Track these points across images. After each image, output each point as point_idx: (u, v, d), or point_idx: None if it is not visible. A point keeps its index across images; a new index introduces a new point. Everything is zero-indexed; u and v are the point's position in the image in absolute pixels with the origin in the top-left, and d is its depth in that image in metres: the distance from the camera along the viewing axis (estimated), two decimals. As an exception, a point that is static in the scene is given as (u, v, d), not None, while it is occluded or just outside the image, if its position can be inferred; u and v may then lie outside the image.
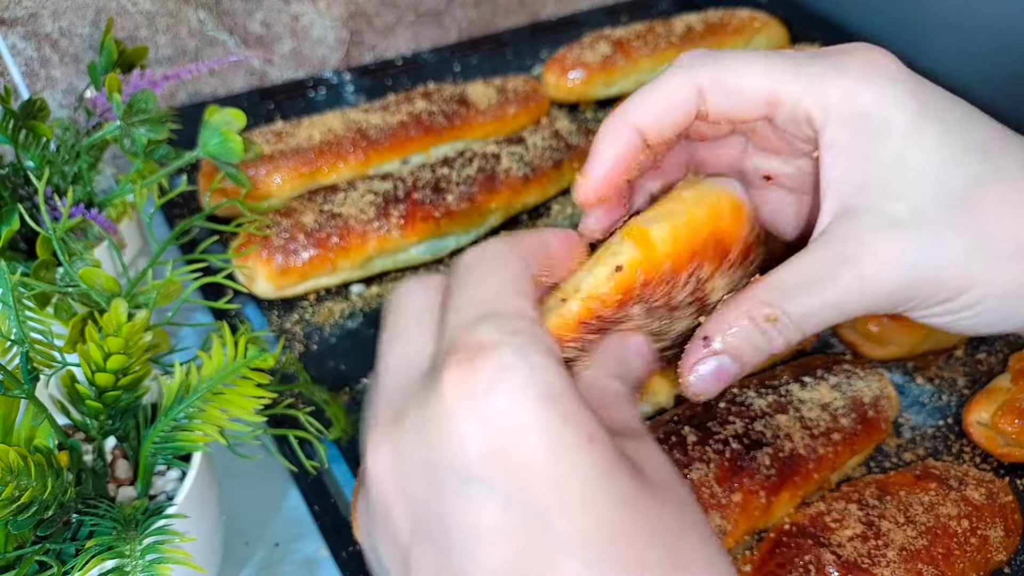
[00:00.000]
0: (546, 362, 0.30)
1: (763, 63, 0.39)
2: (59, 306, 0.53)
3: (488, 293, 0.33)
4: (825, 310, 0.38)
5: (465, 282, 0.34)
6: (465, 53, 1.08)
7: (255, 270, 0.72)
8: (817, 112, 0.38)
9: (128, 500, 0.49)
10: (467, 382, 0.30)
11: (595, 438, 0.30)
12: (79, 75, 0.90)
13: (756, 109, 0.40)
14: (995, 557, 0.54)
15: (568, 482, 0.29)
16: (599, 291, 0.37)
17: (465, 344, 0.31)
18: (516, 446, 0.29)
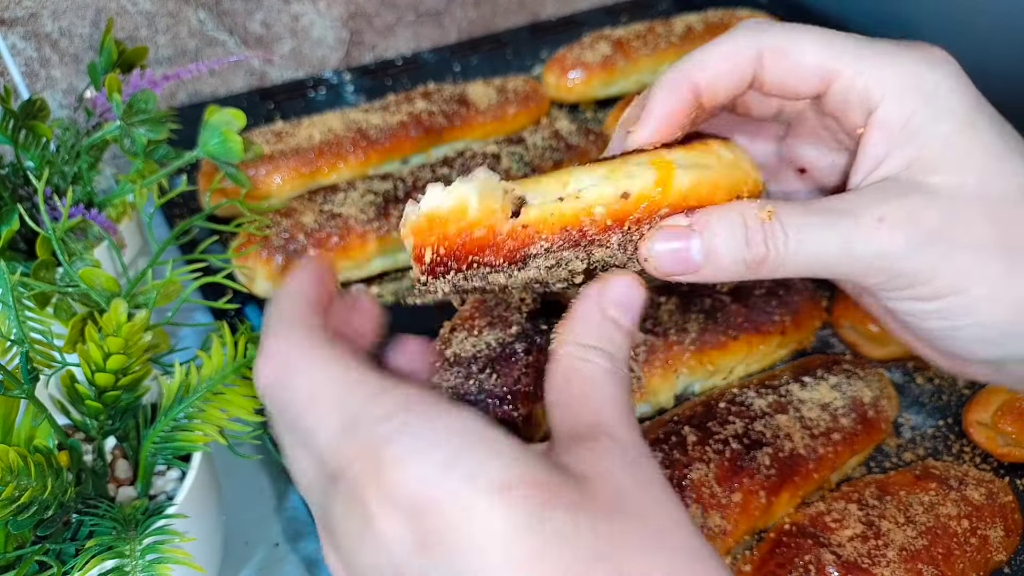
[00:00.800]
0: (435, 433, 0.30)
1: (825, 39, 0.39)
2: (59, 306, 0.53)
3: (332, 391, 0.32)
4: (825, 241, 0.37)
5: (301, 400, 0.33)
6: (465, 53, 1.08)
7: (255, 270, 0.72)
8: (876, 88, 0.38)
9: (128, 500, 0.49)
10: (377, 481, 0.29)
11: (510, 484, 0.29)
12: (79, 75, 0.90)
13: (811, 83, 0.39)
14: (995, 557, 0.54)
15: (488, 543, 0.28)
16: (595, 209, 0.35)
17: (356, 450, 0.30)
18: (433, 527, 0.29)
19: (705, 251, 0.37)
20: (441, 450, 0.29)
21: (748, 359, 0.67)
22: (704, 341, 0.65)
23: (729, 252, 0.37)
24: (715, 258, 0.37)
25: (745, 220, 0.37)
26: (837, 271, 0.38)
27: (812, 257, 0.37)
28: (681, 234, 0.37)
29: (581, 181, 0.36)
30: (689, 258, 0.37)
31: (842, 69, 0.38)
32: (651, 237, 0.37)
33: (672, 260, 0.37)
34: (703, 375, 0.65)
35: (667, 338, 0.64)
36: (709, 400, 0.61)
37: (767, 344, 0.67)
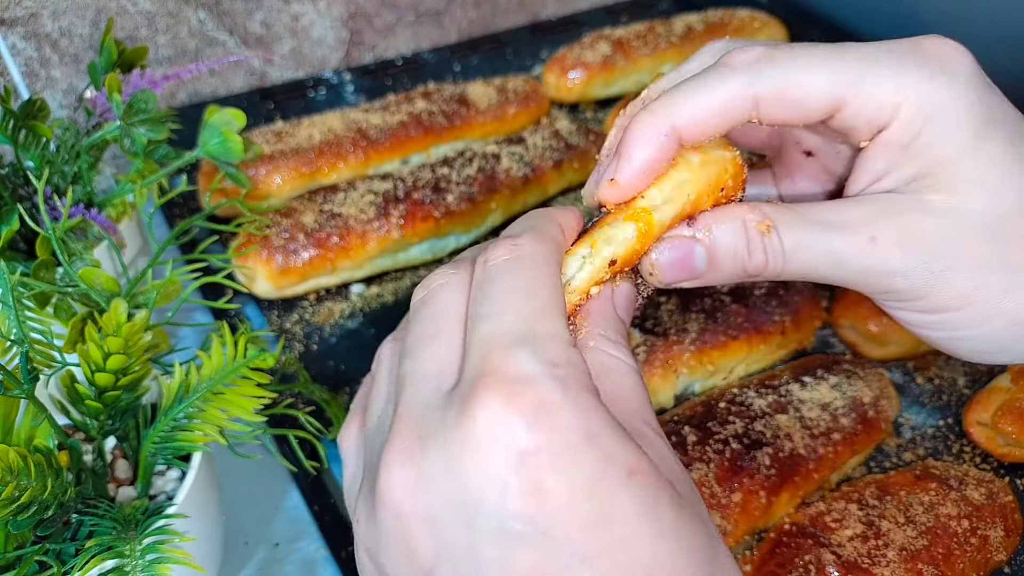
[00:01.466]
0: (586, 398, 0.30)
1: (827, 64, 0.36)
2: (59, 306, 0.53)
3: (525, 306, 0.32)
4: (820, 253, 0.37)
5: (499, 287, 0.32)
6: (465, 53, 1.08)
7: (255, 270, 0.72)
8: (884, 111, 0.36)
9: (128, 500, 0.49)
10: (505, 417, 0.28)
11: (636, 471, 0.29)
12: (79, 75, 0.90)
13: (816, 115, 0.37)
14: (995, 557, 0.54)
15: (609, 523, 0.28)
16: (591, 286, 0.37)
17: (502, 370, 0.29)
18: (556, 488, 0.28)
19: (708, 259, 0.37)
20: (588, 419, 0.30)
21: (748, 359, 0.67)
22: (704, 341, 0.65)
23: (731, 261, 0.37)
24: (717, 265, 0.37)
25: (747, 228, 0.37)
26: (834, 280, 0.38)
27: (807, 267, 0.37)
28: (684, 245, 0.37)
29: (567, 271, 0.37)
30: (692, 266, 0.37)
31: (849, 99, 0.36)
32: (655, 249, 0.37)
33: (676, 270, 0.37)
34: (703, 375, 0.65)
35: (667, 338, 0.64)
36: (709, 400, 0.61)
37: (767, 344, 0.67)
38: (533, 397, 0.29)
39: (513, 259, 0.33)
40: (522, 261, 0.33)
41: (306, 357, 0.70)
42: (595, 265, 0.37)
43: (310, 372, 0.60)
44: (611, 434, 0.29)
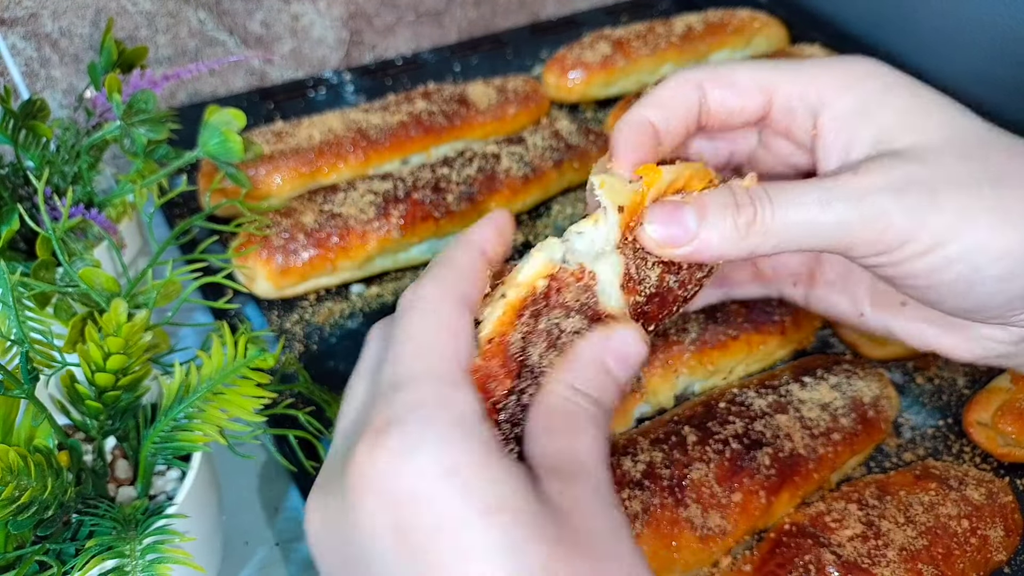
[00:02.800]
0: (450, 433, 0.30)
1: (758, 63, 0.43)
2: (59, 306, 0.53)
3: (408, 351, 0.34)
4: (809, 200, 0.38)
5: (393, 338, 0.35)
6: (465, 53, 1.08)
7: (255, 270, 0.72)
8: (816, 91, 0.41)
9: (128, 500, 0.49)
10: (372, 461, 0.30)
11: (501, 508, 0.29)
12: (79, 75, 0.90)
13: (754, 100, 0.43)
14: (995, 557, 0.54)
15: (470, 557, 0.29)
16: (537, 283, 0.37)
17: (373, 419, 0.32)
18: (418, 525, 0.29)
19: (699, 217, 0.39)
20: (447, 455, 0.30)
21: (748, 359, 0.67)
22: (704, 341, 0.65)
23: (721, 217, 0.38)
24: (709, 224, 0.38)
25: (732, 188, 0.39)
26: (828, 234, 0.38)
27: (797, 216, 0.38)
28: (675, 206, 0.39)
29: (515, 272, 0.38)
30: (684, 222, 0.38)
31: (779, 82, 0.42)
32: (648, 214, 0.39)
33: (668, 230, 0.38)
34: (703, 375, 0.65)
35: (667, 338, 0.64)
36: (709, 400, 0.61)
37: (767, 344, 0.67)
38: (394, 440, 0.30)
39: (407, 308, 0.35)
40: (415, 307, 0.35)
41: (306, 357, 0.70)
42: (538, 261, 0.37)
43: (310, 372, 0.60)
44: (474, 467, 0.30)
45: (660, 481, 0.54)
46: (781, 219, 0.38)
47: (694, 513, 0.53)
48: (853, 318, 0.50)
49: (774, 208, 0.38)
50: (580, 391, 0.36)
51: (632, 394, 0.62)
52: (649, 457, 0.55)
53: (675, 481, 0.54)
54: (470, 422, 0.31)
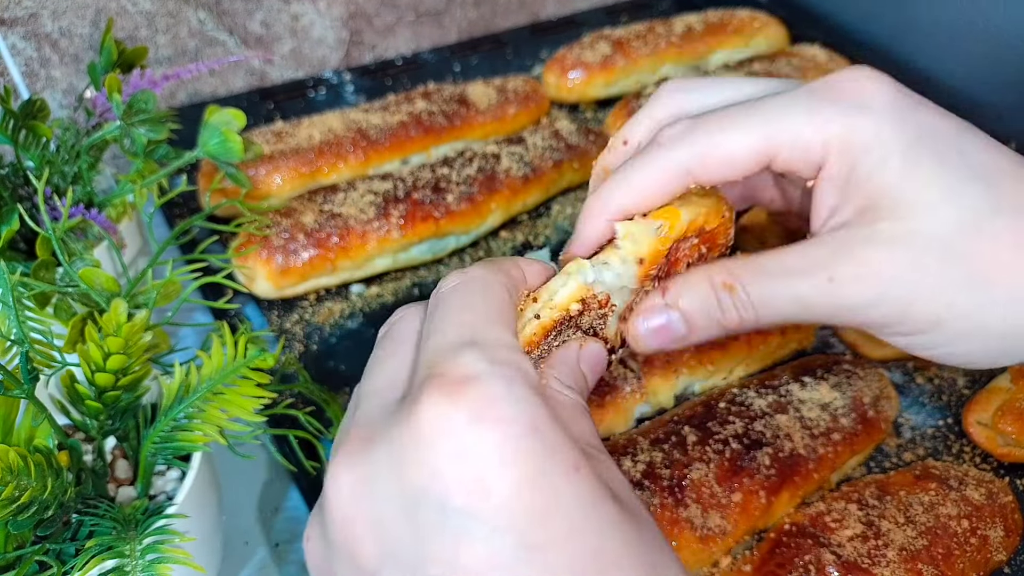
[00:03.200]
0: (530, 395, 0.30)
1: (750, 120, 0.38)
2: (59, 306, 0.53)
3: (471, 318, 0.33)
4: (786, 300, 0.38)
5: (448, 306, 0.34)
6: (465, 53, 1.08)
7: (255, 270, 0.72)
8: (816, 150, 0.38)
9: (128, 500, 0.49)
10: (449, 412, 0.29)
11: (579, 467, 0.30)
12: (79, 75, 0.90)
13: (750, 167, 0.39)
14: (995, 557, 0.54)
15: (554, 514, 0.29)
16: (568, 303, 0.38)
17: (447, 371, 0.30)
18: (500, 480, 0.28)
19: (686, 323, 0.39)
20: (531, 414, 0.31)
21: (748, 359, 0.67)
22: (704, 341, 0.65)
23: (707, 321, 0.39)
24: (695, 327, 0.40)
25: (714, 289, 0.39)
26: (809, 321, 0.40)
27: (778, 315, 0.39)
28: (661, 313, 0.39)
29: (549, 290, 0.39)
30: (672, 332, 0.40)
31: (778, 148, 0.38)
32: (633, 323, 0.40)
33: (658, 337, 0.40)
34: (703, 375, 0.65)
35: (667, 338, 0.64)
36: (709, 400, 0.61)
37: (767, 344, 0.67)
38: (477, 392, 0.29)
39: (460, 284, 0.35)
40: (469, 284, 0.35)
41: (306, 357, 0.70)
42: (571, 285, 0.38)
43: (310, 372, 0.60)
44: (555, 430, 0.30)
45: (660, 481, 0.54)
46: (764, 316, 0.39)
47: (694, 513, 0.53)
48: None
49: (758, 314, 0.39)
50: (565, 384, 0.37)
51: (632, 394, 0.62)
52: (649, 457, 0.55)
53: (675, 481, 0.54)
54: (539, 390, 0.31)
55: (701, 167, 0.39)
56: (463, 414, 0.29)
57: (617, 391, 0.62)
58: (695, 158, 0.39)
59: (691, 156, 0.39)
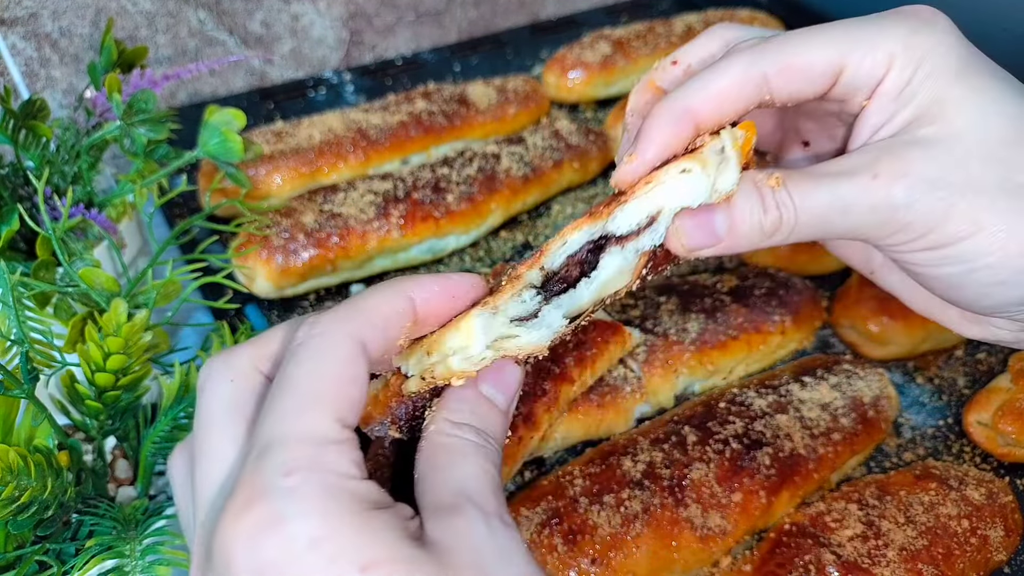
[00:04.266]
0: (318, 502, 0.30)
1: (824, 37, 0.40)
2: (59, 306, 0.53)
3: (292, 404, 0.32)
4: (828, 200, 0.38)
5: (280, 380, 0.33)
6: (465, 53, 1.08)
7: (255, 270, 0.72)
8: (878, 68, 0.39)
9: (128, 500, 0.49)
10: (240, 532, 0.30)
11: (375, 563, 0.29)
12: (79, 75, 0.90)
13: (822, 84, 0.40)
14: (995, 557, 0.54)
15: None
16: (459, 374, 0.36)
17: (242, 487, 0.31)
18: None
19: (728, 223, 0.39)
20: (313, 524, 0.30)
21: (748, 359, 0.67)
22: (704, 341, 0.65)
23: (748, 218, 0.39)
24: (736, 224, 0.39)
25: (758, 187, 0.39)
26: (845, 229, 0.39)
27: (818, 217, 0.39)
28: (705, 215, 0.38)
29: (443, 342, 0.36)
30: (713, 228, 0.39)
31: (847, 62, 0.39)
32: (678, 217, 0.38)
33: (699, 232, 0.38)
34: (703, 375, 0.65)
35: (667, 338, 0.64)
36: (709, 400, 0.61)
37: (767, 344, 0.67)
38: (260, 513, 0.30)
39: (301, 345, 0.34)
40: (308, 345, 0.34)
41: (306, 357, 0.70)
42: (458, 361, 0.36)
43: (310, 372, 0.60)
44: (342, 533, 0.30)
45: (660, 481, 0.54)
46: (803, 222, 0.39)
47: (694, 513, 0.53)
48: (865, 272, 0.49)
49: (798, 214, 0.39)
50: (458, 423, 0.35)
51: (632, 394, 0.62)
52: (649, 457, 0.55)
53: (675, 481, 0.54)
54: (341, 484, 0.31)
55: (780, 76, 0.39)
56: (249, 534, 0.30)
57: (617, 391, 0.62)
58: (776, 65, 0.39)
59: (772, 63, 0.39)
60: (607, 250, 0.38)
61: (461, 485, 0.33)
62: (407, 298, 0.36)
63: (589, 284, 0.38)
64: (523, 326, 0.37)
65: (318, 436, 0.32)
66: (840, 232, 0.39)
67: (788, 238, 0.39)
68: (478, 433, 0.35)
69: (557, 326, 0.37)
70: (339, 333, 0.34)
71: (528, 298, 0.37)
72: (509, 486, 0.60)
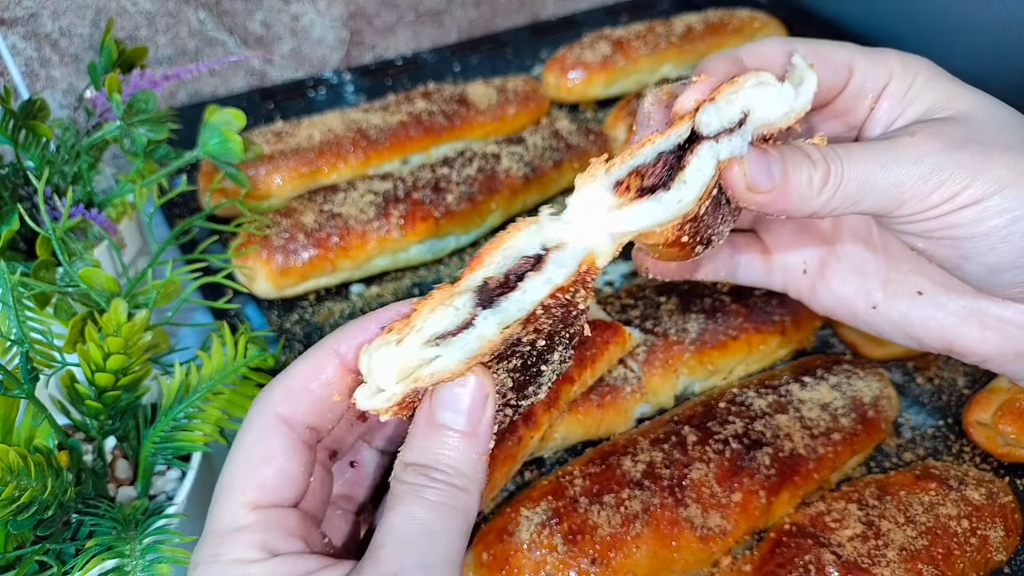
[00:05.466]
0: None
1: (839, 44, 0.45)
2: (59, 306, 0.53)
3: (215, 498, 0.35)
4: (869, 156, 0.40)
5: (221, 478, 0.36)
6: (465, 53, 1.08)
7: (255, 270, 0.72)
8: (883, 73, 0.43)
9: (128, 500, 0.49)
10: None
11: None
12: (79, 75, 0.90)
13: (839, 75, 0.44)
14: (995, 557, 0.54)
15: None
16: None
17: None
18: None
19: (781, 167, 0.40)
20: None
21: (748, 359, 0.67)
22: (704, 341, 0.65)
23: (797, 168, 0.40)
24: (788, 173, 0.40)
25: (803, 147, 0.41)
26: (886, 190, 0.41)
27: (863, 174, 0.40)
28: (764, 153, 0.41)
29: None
30: (770, 170, 0.40)
31: (860, 63, 0.44)
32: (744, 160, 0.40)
33: (760, 171, 0.40)
34: (703, 375, 0.65)
35: (667, 338, 0.64)
36: (709, 400, 0.61)
37: (767, 344, 0.67)
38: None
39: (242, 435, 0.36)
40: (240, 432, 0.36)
41: (306, 357, 0.70)
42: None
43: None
44: None
45: (660, 481, 0.54)
46: (849, 178, 0.40)
47: (694, 513, 0.53)
48: (862, 313, 0.49)
49: (844, 167, 0.40)
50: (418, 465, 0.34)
51: (632, 394, 0.62)
52: (649, 457, 0.55)
53: (675, 481, 0.54)
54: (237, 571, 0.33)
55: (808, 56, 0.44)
56: None
57: (617, 391, 0.62)
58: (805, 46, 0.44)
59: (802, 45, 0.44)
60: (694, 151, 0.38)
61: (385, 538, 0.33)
62: (331, 353, 0.36)
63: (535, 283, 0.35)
64: (440, 346, 0.33)
65: (222, 527, 0.34)
66: (883, 192, 0.41)
67: (833, 198, 0.41)
68: (419, 472, 0.34)
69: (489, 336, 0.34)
70: (254, 412, 0.36)
71: (460, 304, 0.34)
72: (509, 486, 0.60)
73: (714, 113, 0.39)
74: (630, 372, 0.63)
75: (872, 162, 0.40)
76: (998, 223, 0.40)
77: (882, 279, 0.49)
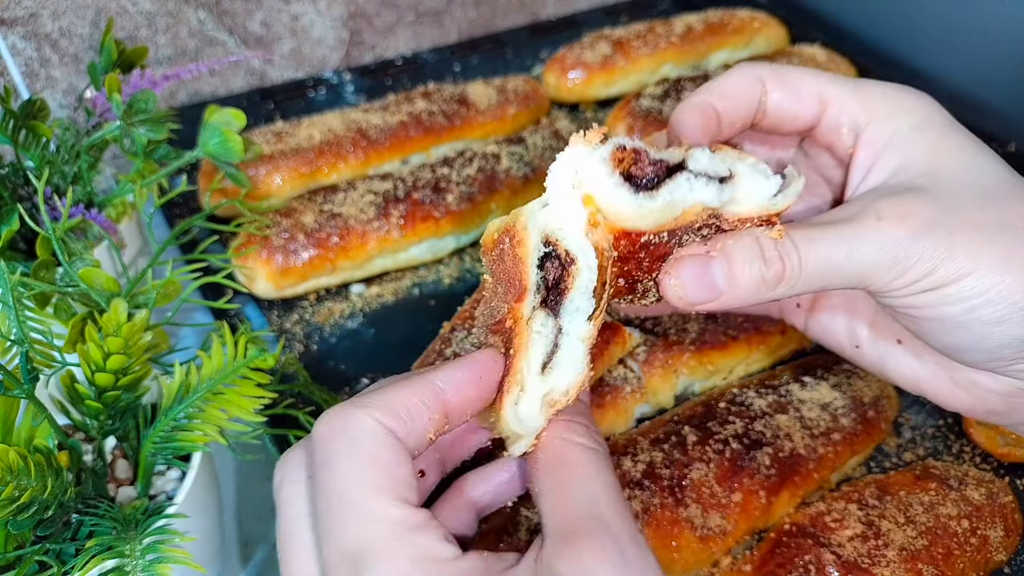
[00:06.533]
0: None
1: (816, 72, 0.44)
2: (59, 306, 0.53)
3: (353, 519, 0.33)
4: (832, 245, 0.39)
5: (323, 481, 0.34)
6: (465, 53, 1.08)
7: (255, 270, 0.72)
8: (864, 111, 0.42)
9: (128, 500, 0.49)
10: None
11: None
12: (79, 75, 0.90)
13: (809, 107, 0.43)
14: (995, 557, 0.54)
15: None
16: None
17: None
18: None
19: (727, 274, 0.39)
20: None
21: (748, 359, 0.67)
22: (704, 341, 0.65)
23: (748, 271, 0.39)
24: (736, 279, 0.39)
25: (759, 240, 0.39)
26: (850, 275, 0.39)
27: (823, 263, 0.39)
28: (700, 260, 0.39)
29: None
30: (711, 281, 0.39)
31: (834, 96, 0.43)
32: (673, 267, 0.39)
33: (697, 285, 0.39)
34: (703, 375, 0.65)
35: (667, 338, 0.64)
36: (709, 400, 0.61)
37: (767, 344, 0.67)
38: None
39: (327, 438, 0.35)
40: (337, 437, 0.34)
41: (306, 357, 0.70)
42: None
43: (310, 372, 0.60)
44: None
45: (660, 481, 0.54)
46: (809, 269, 0.39)
47: (694, 513, 0.53)
48: (848, 349, 0.50)
49: (803, 262, 0.39)
50: (567, 420, 0.37)
51: (632, 394, 0.62)
52: (649, 457, 0.55)
53: (675, 481, 0.54)
54: (426, 562, 0.32)
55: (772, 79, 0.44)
56: None
57: (617, 391, 0.62)
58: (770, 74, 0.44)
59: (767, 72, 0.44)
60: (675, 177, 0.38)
61: (591, 507, 0.33)
62: (435, 389, 0.36)
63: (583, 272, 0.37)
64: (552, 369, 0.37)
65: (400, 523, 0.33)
66: (847, 277, 0.39)
67: (793, 288, 0.40)
68: (588, 434, 0.36)
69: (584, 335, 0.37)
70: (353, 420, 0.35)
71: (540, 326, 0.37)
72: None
73: (706, 158, 0.39)
74: (630, 372, 0.63)
75: (834, 251, 0.39)
76: (955, 311, 0.39)
77: (870, 320, 0.49)
